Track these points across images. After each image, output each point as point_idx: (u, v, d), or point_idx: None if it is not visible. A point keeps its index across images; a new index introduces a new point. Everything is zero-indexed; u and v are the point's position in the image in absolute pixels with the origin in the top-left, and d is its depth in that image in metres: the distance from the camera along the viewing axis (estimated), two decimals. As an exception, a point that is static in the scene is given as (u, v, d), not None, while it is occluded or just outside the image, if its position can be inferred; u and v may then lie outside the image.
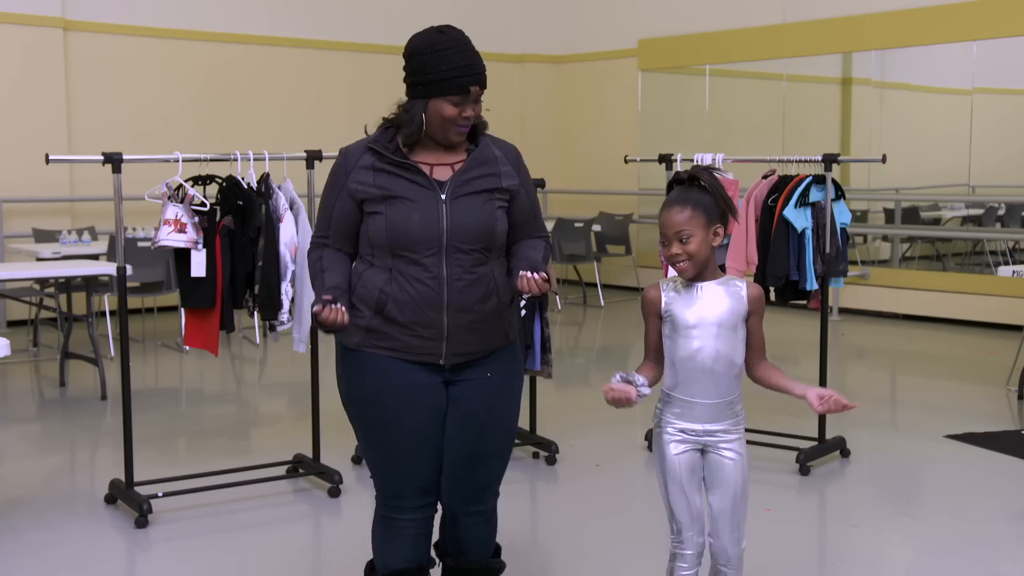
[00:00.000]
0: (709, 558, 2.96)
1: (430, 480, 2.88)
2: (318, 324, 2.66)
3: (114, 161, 4.38)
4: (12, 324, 9.10)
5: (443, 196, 2.73)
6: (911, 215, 10.67)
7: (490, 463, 2.92)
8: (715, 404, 2.85)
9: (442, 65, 2.70)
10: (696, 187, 2.84)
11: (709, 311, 2.83)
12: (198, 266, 4.52)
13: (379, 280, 2.75)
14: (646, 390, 2.78)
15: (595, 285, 11.02)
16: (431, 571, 3.04)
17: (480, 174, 2.79)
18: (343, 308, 2.67)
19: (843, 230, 5.38)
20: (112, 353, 7.90)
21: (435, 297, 2.72)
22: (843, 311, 9.99)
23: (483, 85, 2.76)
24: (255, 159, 4.68)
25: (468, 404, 2.84)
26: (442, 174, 2.77)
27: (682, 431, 2.87)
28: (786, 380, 2.91)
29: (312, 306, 2.66)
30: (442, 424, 2.84)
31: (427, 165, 2.77)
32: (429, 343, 2.76)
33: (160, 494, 4.55)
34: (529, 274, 2.66)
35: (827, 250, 5.24)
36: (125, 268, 4.57)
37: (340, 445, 5.24)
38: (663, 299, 2.88)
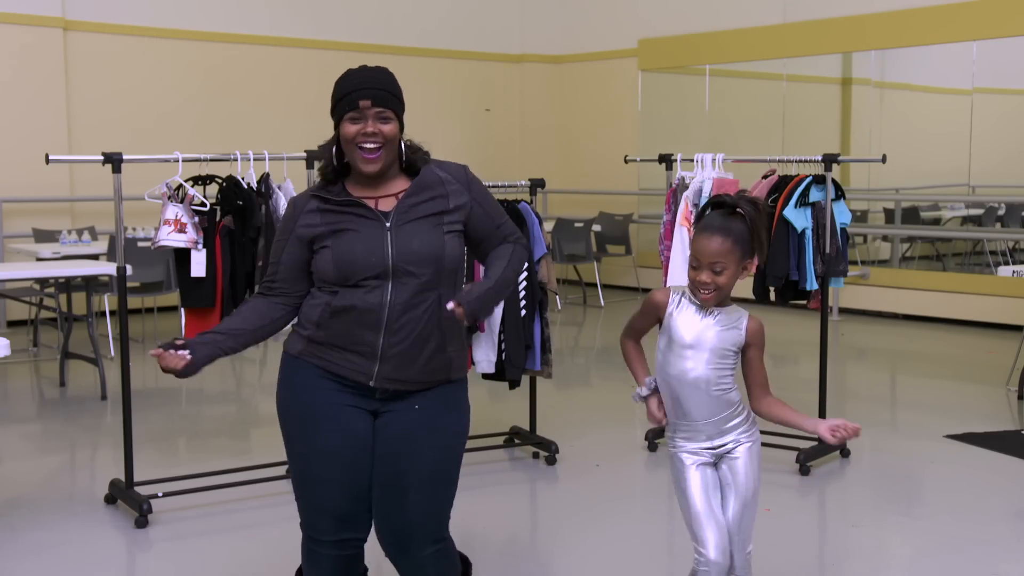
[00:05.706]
0: None
1: (344, 508, 2.80)
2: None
3: (114, 161, 4.38)
4: (12, 324, 9.10)
5: (387, 224, 2.74)
6: (911, 215, 10.67)
7: (409, 499, 2.78)
8: (715, 421, 2.88)
9: (338, 90, 2.79)
10: (738, 217, 2.81)
11: (707, 336, 2.84)
12: (198, 266, 4.52)
13: (326, 297, 2.77)
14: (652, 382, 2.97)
15: (595, 285, 11.02)
16: None
17: (424, 199, 2.78)
18: (187, 356, 2.69)
19: (843, 230, 5.38)
20: (112, 353, 7.90)
21: (375, 316, 2.71)
22: (843, 311, 9.99)
23: (376, 100, 2.73)
24: (255, 159, 4.68)
25: (388, 433, 2.80)
26: (387, 205, 2.78)
27: (693, 451, 2.91)
28: (793, 415, 2.91)
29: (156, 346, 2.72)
30: (362, 452, 2.80)
31: (372, 199, 2.78)
32: (363, 360, 2.74)
33: (160, 494, 4.55)
34: (449, 306, 2.67)
35: (827, 250, 5.24)
36: (125, 268, 4.57)
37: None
38: (669, 309, 2.89)
